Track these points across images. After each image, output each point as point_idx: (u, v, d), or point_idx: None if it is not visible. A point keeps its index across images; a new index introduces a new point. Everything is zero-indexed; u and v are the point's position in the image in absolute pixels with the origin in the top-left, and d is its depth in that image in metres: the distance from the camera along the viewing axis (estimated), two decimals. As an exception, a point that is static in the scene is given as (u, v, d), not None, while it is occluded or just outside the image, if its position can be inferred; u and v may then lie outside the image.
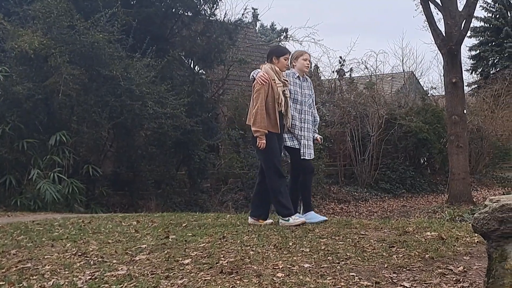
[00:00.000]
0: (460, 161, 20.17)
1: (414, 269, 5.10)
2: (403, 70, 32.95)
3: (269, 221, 7.94)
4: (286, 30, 28.84)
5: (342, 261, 5.40)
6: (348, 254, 5.65)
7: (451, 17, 19.99)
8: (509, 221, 3.32)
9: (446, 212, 13.96)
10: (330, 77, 28.94)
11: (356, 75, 29.40)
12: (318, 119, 8.60)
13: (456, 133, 20.00)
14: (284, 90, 7.73)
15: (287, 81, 7.85)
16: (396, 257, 5.53)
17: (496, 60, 40.08)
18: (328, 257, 5.53)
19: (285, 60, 7.83)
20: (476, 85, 40.00)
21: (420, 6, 21.62)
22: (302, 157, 7.92)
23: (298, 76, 8.09)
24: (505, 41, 38.56)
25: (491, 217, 3.39)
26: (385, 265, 5.22)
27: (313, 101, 8.35)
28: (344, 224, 7.67)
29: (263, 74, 7.61)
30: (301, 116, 8.00)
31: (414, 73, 34.62)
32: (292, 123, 7.88)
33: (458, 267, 5.12)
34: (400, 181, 24.21)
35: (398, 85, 33.67)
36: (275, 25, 39.80)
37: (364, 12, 78.14)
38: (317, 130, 8.52)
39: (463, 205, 17.85)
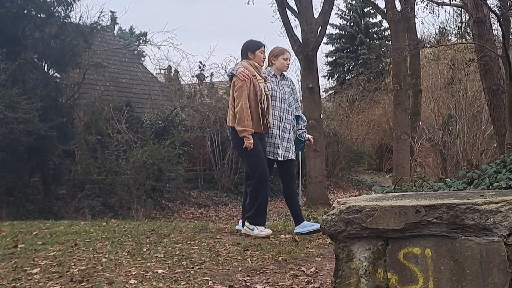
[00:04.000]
0: (317, 165, 20.72)
1: (268, 271, 5.15)
2: (263, 75, 33.36)
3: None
4: (145, 34, 28.59)
5: (197, 265, 5.38)
6: (203, 258, 5.64)
7: (307, 23, 20.50)
8: (355, 222, 3.38)
9: (302, 215, 14.20)
10: (190, 82, 28.97)
11: (217, 80, 29.49)
12: (304, 118, 8.16)
13: (313, 137, 20.46)
14: (265, 87, 7.22)
15: (267, 77, 7.37)
16: (251, 260, 5.57)
17: (351, 66, 41.52)
18: (183, 262, 5.49)
19: (261, 53, 7.31)
20: (332, 91, 41.33)
21: (278, 12, 22.05)
22: (280, 158, 7.43)
23: (275, 75, 7.57)
24: (359, 48, 40.00)
25: (338, 218, 3.44)
26: (239, 269, 5.24)
27: (294, 100, 7.79)
28: (200, 228, 7.68)
29: (243, 70, 7.06)
30: (281, 114, 7.46)
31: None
32: (272, 122, 7.36)
33: (310, 268, 5.22)
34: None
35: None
36: (134, 29, 39.19)
37: (224, 17, 78.78)
38: (306, 130, 8.15)
39: (320, 208, 18.25)
